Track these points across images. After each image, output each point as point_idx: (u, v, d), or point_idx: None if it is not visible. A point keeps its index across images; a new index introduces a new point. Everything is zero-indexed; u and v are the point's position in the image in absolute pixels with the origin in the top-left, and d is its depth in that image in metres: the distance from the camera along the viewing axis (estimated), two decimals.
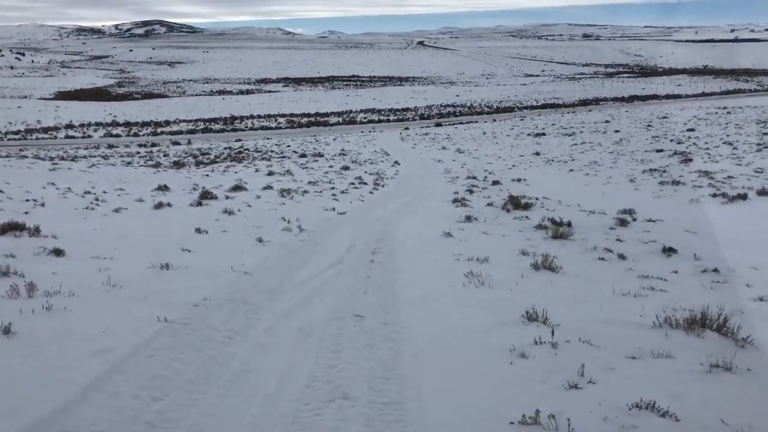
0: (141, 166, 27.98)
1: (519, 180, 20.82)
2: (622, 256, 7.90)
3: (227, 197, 15.07)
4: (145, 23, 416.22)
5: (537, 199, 14.44)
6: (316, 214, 12.59)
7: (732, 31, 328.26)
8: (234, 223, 10.79)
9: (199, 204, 13.21)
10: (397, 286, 6.47)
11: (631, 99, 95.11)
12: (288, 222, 11.04)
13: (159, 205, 12.67)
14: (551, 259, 7.06)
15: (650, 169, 22.64)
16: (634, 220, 10.79)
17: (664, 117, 52.86)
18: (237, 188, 17.08)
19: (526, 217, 11.28)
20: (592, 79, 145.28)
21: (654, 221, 10.83)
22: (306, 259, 8.10)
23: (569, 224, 9.70)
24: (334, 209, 13.49)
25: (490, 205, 13.48)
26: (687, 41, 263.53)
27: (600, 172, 23.53)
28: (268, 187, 17.68)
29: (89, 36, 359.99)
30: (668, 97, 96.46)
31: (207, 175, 23.25)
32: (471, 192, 17.12)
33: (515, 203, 12.53)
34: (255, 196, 15.65)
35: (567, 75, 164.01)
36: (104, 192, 16.18)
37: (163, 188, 17.74)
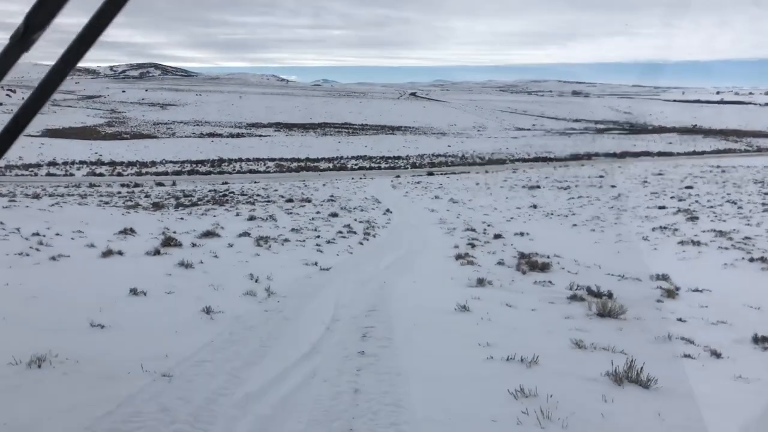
0: (115, 206, 26.04)
1: (522, 234, 19.12)
2: (716, 354, 5.69)
3: (194, 245, 13.02)
4: (140, 65, 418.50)
5: (548, 257, 12.62)
6: (293, 270, 10.53)
7: (717, 93, 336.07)
8: (187, 281, 8.64)
9: (157, 253, 11.15)
10: (403, 416, 4.01)
11: (623, 155, 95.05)
12: (256, 281, 8.91)
13: (108, 253, 10.64)
14: (637, 368, 4.75)
15: (660, 227, 21.19)
16: (677, 289, 8.92)
17: (659, 173, 52.35)
18: (209, 234, 15.11)
19: (549, 281, 9.32)
20: (583, 135, 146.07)
21: (701, 291, 8.99)
22: (266, 345, 5.74)
23: (610, 295, 7.81)
24: (316, 264, 11.44)
25: (500, 264, 11.57)
26: (675, 101, 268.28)
27: (606, 228, 22.06)
28: (245, 234, 15.75)
29: (83, 76, 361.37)
30: (660, 154, 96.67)
31: (182, 219, 21.33)
32: (473, 246, 15.30)
33: (531, 264, 10.67)
34: (227, 244, 13.63)
35: (557, 130, 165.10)
36: (57, 234, 14.19)
37: (128, 232, 15.81)
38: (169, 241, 12.62)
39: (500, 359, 5.26)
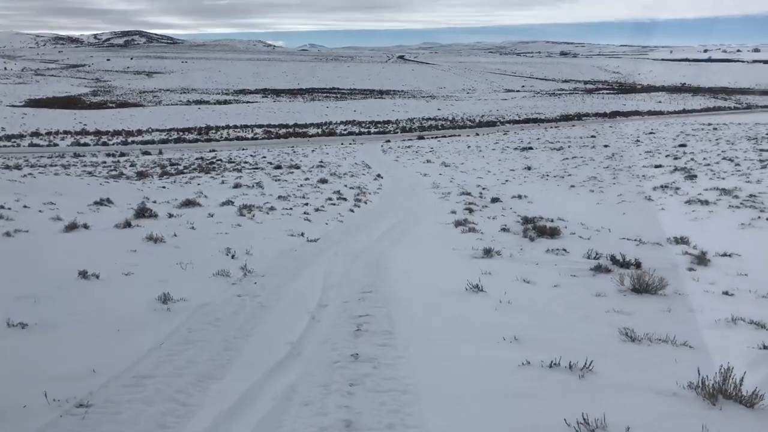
0: (98, 176, 24.92)
1: (520, 197, 18.30)
2: None
3: (171, 215, 12.06)
4: (124, 33, 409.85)
5: (553, 220, 11.80)
6: (277, 242, 9.59)
7: (705, 51, 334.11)
8: (153, 259, 7.61)
9: (128, 225, 10.18)
10: None
11: (614, 115, 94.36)
12: (232, 256, 7.89)
13: (71, 227, 9.67)
14: (735, 378, 3.41)
15: (661, 186, 20.50)
16: (704, 254, 8.08)
17: (651, 132, 51.65)
18: (188, 203, 14.15)
19: (564, 249, 8.41)
20: (572, 95, 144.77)
21: (730, 255, 8.17)
22: (232, 348, 4.54)
23: (638, 265, 6.91)
24: (303, 234, 10.53)
25: (505, 230, 10.64)
26: (663, 60, 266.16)
27: (605, 188, 21.33)
28: (228, 203, 14.81)
29: (67, 45, 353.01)
30: (650, 113, 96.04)
31: (164, 187, 20.33)
32: (471, 211, 14.46)
33: (538, 229, 9.79)
34: (207, 214, 12.67)
35: (547, 91, 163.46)
36: (25, 207, 13.17)
37: (104, 202, 14.82)
38: (143, 212, 11.64)
39: (539, 365, 4.02)
